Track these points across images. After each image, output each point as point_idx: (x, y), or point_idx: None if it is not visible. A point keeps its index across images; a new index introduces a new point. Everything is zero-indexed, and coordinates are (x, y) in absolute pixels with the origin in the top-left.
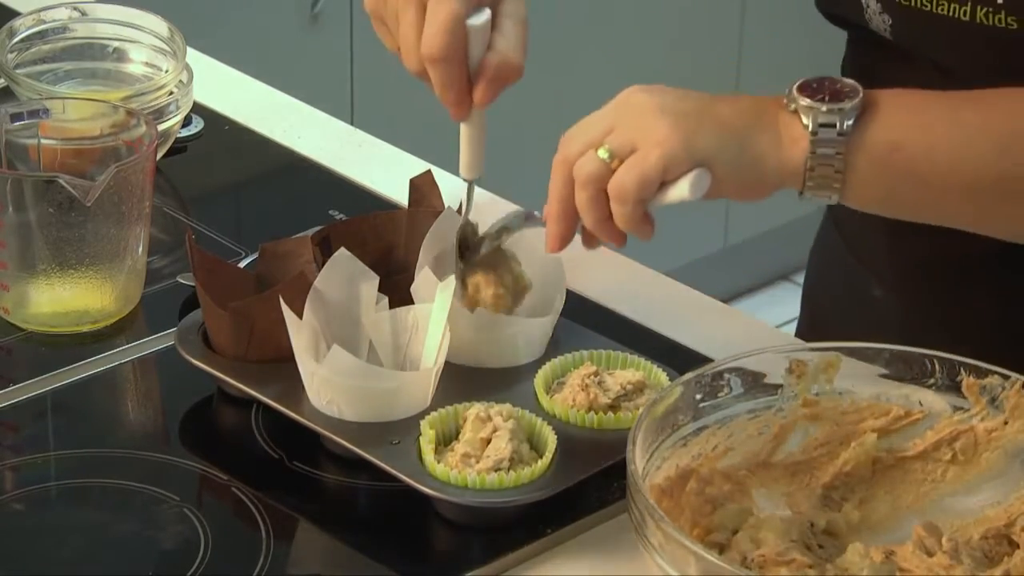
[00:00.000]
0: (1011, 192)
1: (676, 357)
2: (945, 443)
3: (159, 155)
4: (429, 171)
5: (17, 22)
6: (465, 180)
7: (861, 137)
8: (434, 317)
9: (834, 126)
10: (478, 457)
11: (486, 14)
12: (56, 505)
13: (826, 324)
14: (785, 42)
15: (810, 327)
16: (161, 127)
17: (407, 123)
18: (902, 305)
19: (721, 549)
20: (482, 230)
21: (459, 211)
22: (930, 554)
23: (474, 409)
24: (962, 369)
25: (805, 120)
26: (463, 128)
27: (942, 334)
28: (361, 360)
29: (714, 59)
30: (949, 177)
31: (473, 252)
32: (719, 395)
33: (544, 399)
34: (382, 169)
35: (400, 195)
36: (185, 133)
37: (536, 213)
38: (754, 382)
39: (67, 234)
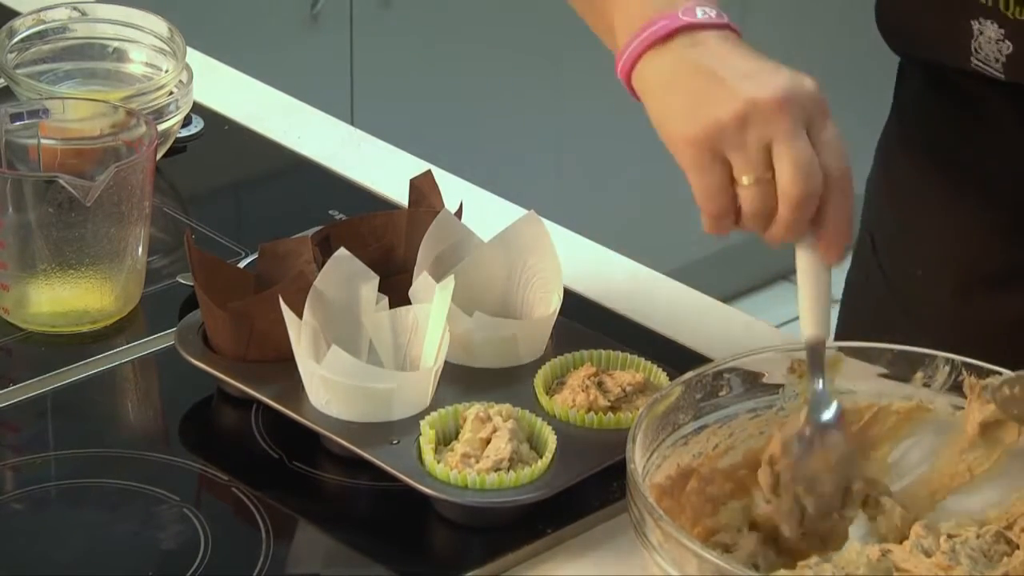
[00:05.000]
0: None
1: (676, 357)
2: None
3: (159, 155)
4: (429, 171)
5: (17, 22)
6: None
7: None
8: (434, 317)
9: None
10: (478, 457)
11: None
12: (56, 505)
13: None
14: (785, 43)
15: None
16: (161, 127)
17: (407, 123)
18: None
19: (726, 549)
20: (482, 235)
21: (458, 214)
22: (928, 554)
23: (474, 409)
24: (964, 369)
25: None
26: (814, 272)
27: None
28: (361, 360)
29: None
30: None
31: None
32: (719, 395)
33: (544, 399)
34: (382, 169)
35: (400, 195)
36: (185, 133)
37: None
38: (754, 382)
39: (67, 234)
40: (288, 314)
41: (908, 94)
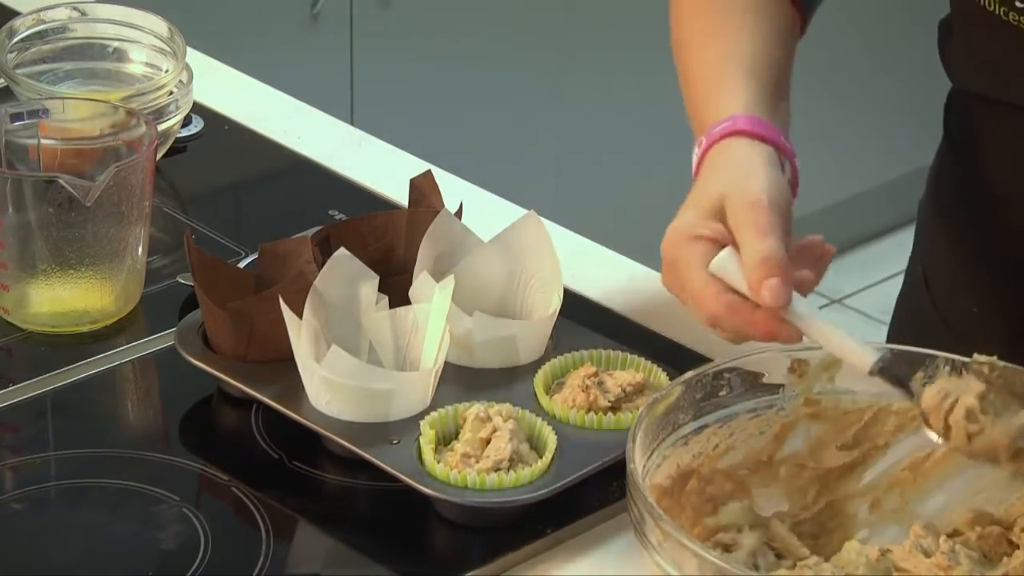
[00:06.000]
0: None
1: (676, 357)
2: None
3: (159, 155)
4: (429, 171)
5: (17, 22)
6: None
7: None
8: (434, 317)
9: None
10: (478, 457)
11: (724, 251)
12: (56, 505)
13: None
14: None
15: None
16: (161, 127)
17: (407, 123)
18: None
19: (726, 549)
20: (482, 235)
21: (458, 214)
22: (928, 554)
23: (474, 409)
24: (964, 369)
25: None
26: (823, 327)
27: None
28: (361, 360)
29: None
30: None
31: None
32: (719, 394)
33: (544, 399)
34: (382, 169)
35: (400, 195)
36: (185, 133)
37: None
38: (754, 382)
39: (67, 234)
40: (288, 314)
41: (961, 124)
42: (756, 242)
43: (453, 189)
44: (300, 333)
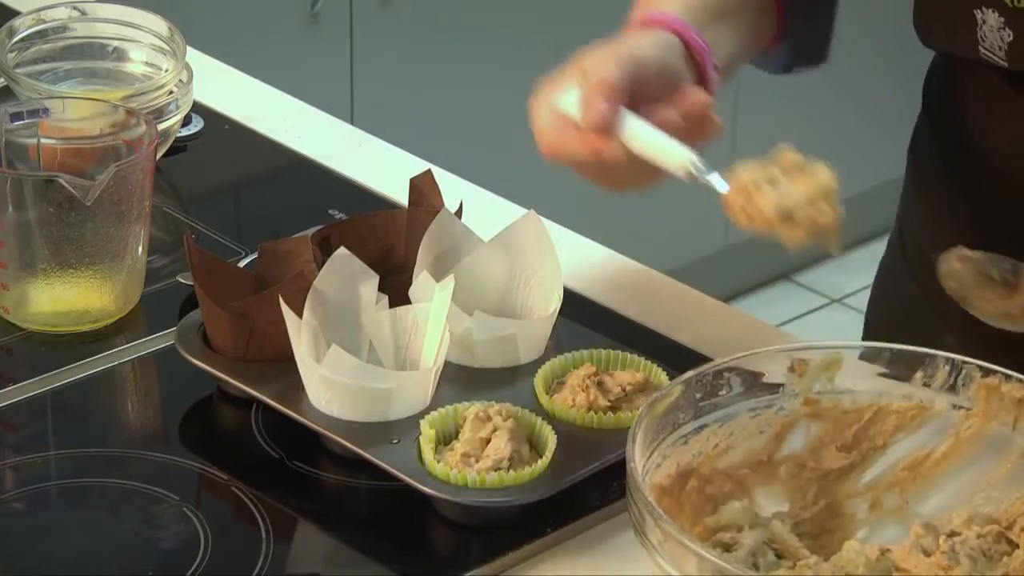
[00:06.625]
0: None
1: (676, 357)
2: None
3: (159, 155)
4: (429, 171)
5: (17, 22)
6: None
7: None
8: (434, 317)
9: None
10: (478, 457)
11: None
12: (56, 505)
13: None
14: None
15: None
16: (161, 127)
17: (407, 123)
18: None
19: (726, 548)
20: (482, 235)
21: (458, 214)
22: (927, 554)
23: (474, 409)
24: (964, 368)
25: None
26: (646, 137)
27: None
28: (361, 360)
29: None
30: None
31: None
32: (719, 394)
33: (544, 399)
34: (382, 169)
35: (400, 195)
36: (185, 133)
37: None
38: (754, 382)
39: (67, 234)
40: (288, 314)
41: (933, 86)
42: (598, 67)
43: (453, 189)
44: (300, 333)
